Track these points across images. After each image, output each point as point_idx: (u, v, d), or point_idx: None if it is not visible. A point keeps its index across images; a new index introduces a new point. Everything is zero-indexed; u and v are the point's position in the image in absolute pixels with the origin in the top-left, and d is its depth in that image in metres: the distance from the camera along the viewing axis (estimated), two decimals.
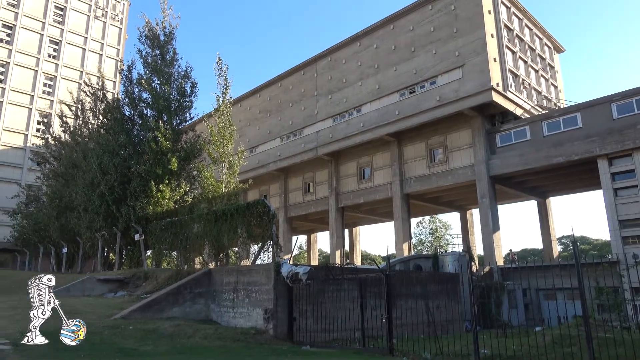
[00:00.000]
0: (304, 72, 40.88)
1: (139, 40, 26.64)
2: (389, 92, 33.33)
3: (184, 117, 26.33)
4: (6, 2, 60.52)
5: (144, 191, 23.44)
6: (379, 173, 35.32)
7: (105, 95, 32.49)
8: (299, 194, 41.70)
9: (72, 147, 33.89)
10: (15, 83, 59.95)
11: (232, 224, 15.73)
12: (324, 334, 11.90)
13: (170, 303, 13.84)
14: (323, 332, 11.94)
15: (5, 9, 60.24)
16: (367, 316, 11.53)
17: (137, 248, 23.99)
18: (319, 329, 12.00)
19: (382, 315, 10.81)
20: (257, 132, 44.07)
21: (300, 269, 12.08)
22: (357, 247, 48.70)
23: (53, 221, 32.72)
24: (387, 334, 10.47)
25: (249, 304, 13.04)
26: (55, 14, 64.83)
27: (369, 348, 10.83)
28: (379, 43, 34.96)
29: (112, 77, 62.49)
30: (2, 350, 8.35)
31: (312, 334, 11.88)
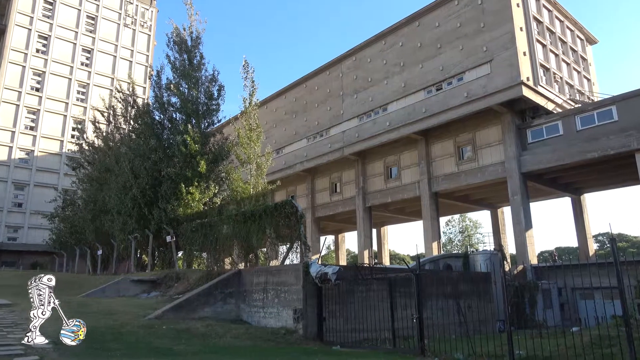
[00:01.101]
0: (329, 72, 40.89)
1: (167, 46, 27.24)
2: (415, 89, 32.97)
3: (212, 120, 26.72)
4: (42, 14, 62.86)
5: (175, 193, 23.91)
6: (407, 172, 34.98)
7: (135, 100, 33.34)
8: (326, 194, 41.72)
9: (105, 152, 34.94)
10: (51, 91, 62.22)
11: (260, 225, 15.86)
12: (353, 334, 11.86)
13: (201, 303, 14.07)
14: (353, 332, 11.91)
15: (40, 20, 62.59)
16: (397, 316, 11.43)
17: (168, 249, 24.51)
18: (349, 329, 11.97)
19: (412, 315, 10.70)
20: (283, 133, 44.33)
21: (329, 269, 12.07)
22: (385, 247, 48.37)
23: (88, 224, 33.78)
24: (418, 334, 10.35)
25: (278, 304, 13.12)
26: (87, 24, 66.96)
27: (399, 348, 10.73)
28: (404, 41, 34.64)
29: (142, 83, 64.06)
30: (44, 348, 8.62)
31: (341, 334, 11.85)
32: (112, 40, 68.58)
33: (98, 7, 67.95)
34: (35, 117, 60.65)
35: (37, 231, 56.74)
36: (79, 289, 20.78)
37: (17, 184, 58.53)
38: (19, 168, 58.66)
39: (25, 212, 58.39)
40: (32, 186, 59.14)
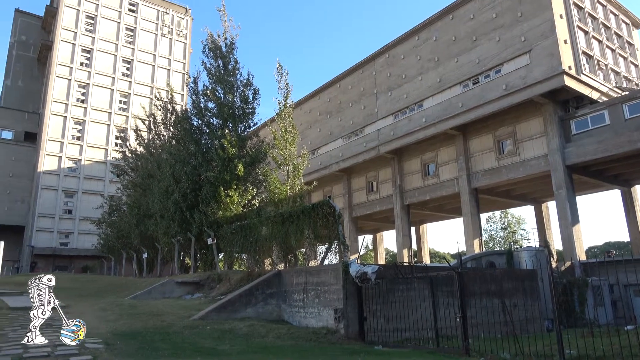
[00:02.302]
0: (362, 71, 40.72)
1: (202, 52, 27.83)
2: (451, 84, 32.35)
3: (248, 124, 27.10)
4: (84, 28, 65.71)
5: (214, 197, 24.40)
6: (445, 168, 34.37)
7: (174, 107, 34.27)
8: (362, 194, 41.56)
9: (147, 158, 36.10)
10: (95, 102, 64.94)
11: (298, 226, 15.97)
12: (395, 334, 11.76)
13: (243, 304, 14.29)
14: (394, 331, 11.80)
15: (83, 35, 65.46)
16: (439, 315, 11.25)
17: (210, 251, 25.05)
18: (390, 328, 11.87)
19: (455, 315, 10.49)
20: (318, 133, 44.49)
21: (369, 268, 12.01)
22: (424, 245, 47.68)
23: (133, 228, 34.99)
24: (462, 334, 10.14)
25: (319, 304, 13.16)
26: (126, 36, 69.47)
27: (443, 348, 10.55)
28: (438, 35, 34.05)
29: (180, 90, 65.86)
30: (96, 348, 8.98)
31: (383, 333, 11.77)
32: (151, 50, 70.87)
33: (136, 19, 70.39)
34: (81, 128, 63.46)
35: (86, 236, 59.37)
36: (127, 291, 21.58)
37: (66, 192, 61.43)
38: (68, 177, 61.54)
39: (75, 219, 61.18)
40: (81, 194, 61.91)
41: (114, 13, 68.67)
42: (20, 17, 73.29)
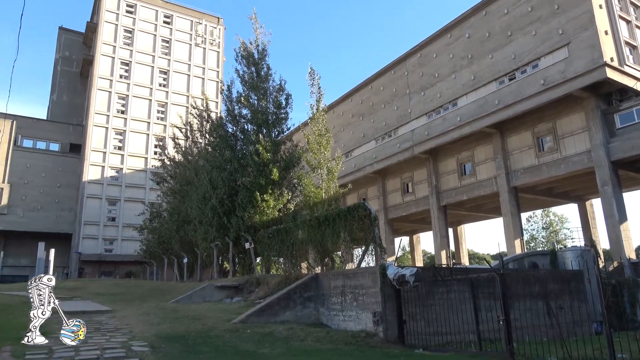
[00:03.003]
0: (394, 71, 40.42)
1: (235, 60, 28.34)
2: (486, 81, 31.64)
3: (282, 129, 27.37)
4: (123, 42, 68.22)
5: (250, 202, 24.76)
6: (482, 167, 33.61)
7: (209, 115, 35.04)
8: (398, 195, 41.17)
9: (185, 165, 37.06)
10: (134, 113, 67.23)
11: (334, 229, 15.99)
12: (436, 337, 11.58)
13: (282, 307, 14.42)
14: (435, 335, 11.62)
15: (122, 48, 67.94)
16: (481, 318, 11.01)
17: (247, 256, 25.43)
18: (431, 332, 11.70)
19: (498, 317, 10.24)
20: (351, 136, 44.42)
21: (407, 270, 11.89)
22: (463, 246, 46.71)
23: (174, 234, 35.95)
24: (506, 337, 9.89)
25: (357, 307, 13.13)
26: (162, 47, 71.63)
27: (486, 352, 10.31)
28: (471, 32, 33.41)
29: (215, 98, 67.17)
30: (143, 351, 9.28)
31: (423, 337, 11.62)
32: (185, 60, 72.78)
33: (171, 31, 72.48)
34: (122, 138, 65.80)
35: (129, 243, 61.38)
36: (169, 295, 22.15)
37: (110, 200, 63.79)
38: (111, 185, 63.89)
39: (118, 226, 63.42)
40: (123, 201, 64.13)
41: (150, 26, 70.96)
42: (63, 34, 76.92)
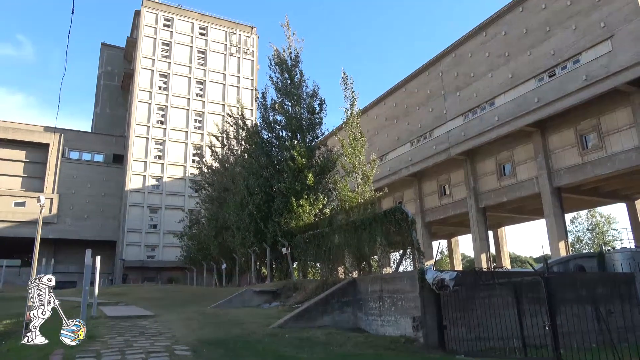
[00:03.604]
0: (428, 72, 39.93)
1: (269, 68, 28.80)
2: (525, 79, 30.76)
3: (316, 134, 27.55)
4: (161, 55, 70.50)
5: (286, 207, 24.98)
6: (522, 168, 32.61)
7: (245, 123, 35.69)
8: (434, 198, 40.51)
9: (222, 173, 37.86)
10: (173, 123, 69.29)
11: (371, 233, 15.90)
12: (478, 343, 11.29)
13: (320, 312, 14.43)
14: (477, 340, 11.33)
15: (160, 61, 70.23)
16: (525, 324, 10.65)
17: (284, 261, 25.64)
18: (472, 337, 11.41)
19: (544, 323, 9.88)
20: (385, 139, 44.12)
21: (446, 274, 11.66)
22: (504, 249, 45.38)
23: (212, 240, 36.71)
24: (552, 343, 9.53)
25: (395, 312, 12.98)
26: (198, 58, 73.61)
27: (531, 358, 9.97)
28: (507, 29, 32.59)
29: (250, 106, 68.44)
30: (185, 355, 9.48)
31: (465, 342, 11.35)
32: (221, 70, 74.47)
33: (207, 42, 74.39)
34: (162, 147, 67.91)
35: (170, 249, 63.11)
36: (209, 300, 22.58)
37: (151, 208, 65.87)
38: (152, 194, 65.99)
39: (160, 233, 65.35)
40: (164, 209, 66.08)
41: (186, 38, 73.05)
42: (105, 49, 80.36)
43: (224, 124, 43.75)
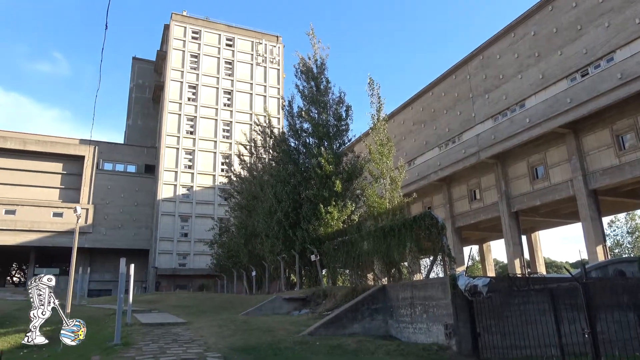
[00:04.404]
0: (455, 76, 39.44)
1: (295, 76, 29.03)
2: (556, 79, 29.98)
3: (343, 140, 27.54)
4: (189, 67, 72.10)
5: (314, 214, 25.01)
6: (555, 170, 31.70)
7: (272, 131, 36.00)
8: (465, 202, 39.80)
9: (250, 181, 38.26)
10: (202, 133, 70.59)
11: (400, 239, 15.73)
12: (513, 351, 10.97)
13: (350, 319, 14.34)
14: (512, 348, 11.01)
15: (189, 72, 71.82)
16: (563, 331, 10.29)
17: (313, 268, 25.63)
18: (507, 345, 11.10)
19: (583, 330, 9.53)
20: (413, 144, 43.72)
21: (479, 281, 11.41)
22: (538, 254, 44.11)
23: (242, 248, 37.06)
24: (592, 351, 9.18)
25: (427, 319, 12.77)
26: (225, 69, 74.92)
27: None
28: (536, 29, 31.90)
29: (276, 114, 69.11)
30: None
31: (499, 350, 11.05)
32: (247, 79, 75.56)
33: (233, 53, 75.69)
34: (192, 157, 69.23)
35: (201, 257, 64.08)
36: (239, 307, 22.79)
37: (182, 217, 67.12)
38: (183, 202, 67.27)
39: (190, 241, 66.47)
40: (194, 217, 67.23)
41: (213, 49, 74.51)
42: (137, 63, 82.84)
43: (252, 133, 44.32)
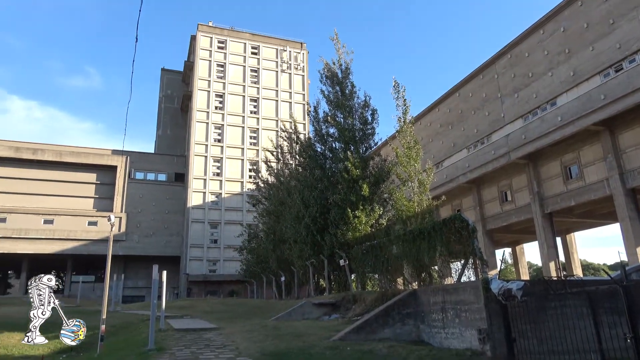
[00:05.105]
0: (482, 76, 38.78)
1: (320, 81, 29.16)
2: (588, 75, 29.08)
3: (369, 144, 27.46)
4: (216, 76, 73.40)
5: (342, 218, 24.96)
6: (590, 169, 30.67)
7: (298, 137, 36.22)
8: (495, 204, 38.95)
9: (277, 187, 38.53)
10: (229, 140, 71.62)
11: (430, 243, 15.48)
12: (551, 357, 10.61)
13: (380, 324, 14.20)
14: (550, 354, 10.65)
15: (216, 81, 73.12)
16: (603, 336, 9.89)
17: (342, 272, 25.55)
18: (544, 350, 10.75)
19: (624, 335, 9.14)
20: (440, 146, 43.15)
21: (513, 284, 11.11)
22: (574, 257, 42.71)
23: (271, 253, 37.30)
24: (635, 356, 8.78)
25: (459, 324, 12.52)
26: (251, 77, 75.91)
27: None
28: (566, 25, 31.07)
29: (302, 120, 69.45)
30: None
31: (536, 356, 10.71)
32: (273, 86, 76.31)
33: (259, 60, 76.63)
34: (220, 165, 70.27)
35: (230, 263, 64.81)
36: (269, 313, 22.90)
37: (211, 224, 68.08)
38: (212, 209, 68.26)
39: (220, 247, 67.32)
40: (223, 224, 68.10)
41: (239, 58, 75.64)
42: (165, 74, 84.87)
43: (278, 139, 44.67)
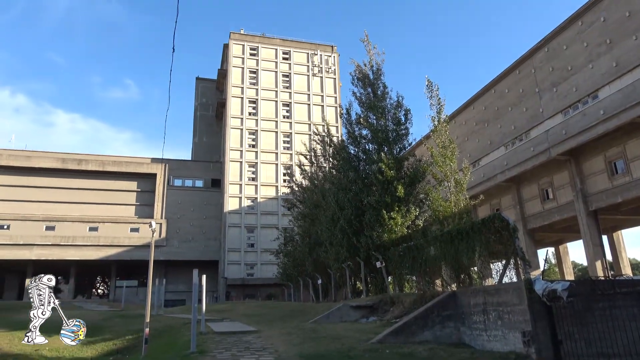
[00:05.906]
0: (518, 71, 37.74)
1: (351, 83, 29.14)
2: (632, 66, 27.80)
3: (403, 145, 27.17)
4: (249, 82, 74.58)
5: (377, 220, 24.79)
6: (637, 163, 29.27)
7: (331, 140, 36.27)
8: (536, 203, 37.75)
9: (312, 190, 38.69)
10: (263, 145, 72.56)
11: (469, 243, 15.17)
12: (600, 359, 10.19)
13: (419, 327, 14.00)
14: (598, 357, 10.24)
15: (249, 88, 74.28)
16: None
17: (379, 275, 25.34)
18: (593, 353, 10.33)
19: None
20: (476, 145, 42.25)
21: (558, 285, 10.74)
22: (622, 255, 40.82)
23: (307, 256, 37.46)
24: None
25: (502, 326, 12.19)
26: (283, 81, 76.73)
27: None
28: (606, 15, 29.85)
29: (334, 123, 69.54)
30: None
31: (584, 358, 10.30)
32: (304, 90, 76.82)
33: (290, 65, 77.34)
34: (255, 170, 71.24)
35: (267, 266, 65.48)
36: (307, 315, 22.99)
37: (248, 228, 69.07)
38: (248, 214, 69.26)
39: (257, 251, 68.15)
40: (259, 228, 68.94)
41: (271, 64, 76.58)
42: (200, 83, 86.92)
43: (311, 143, 44.86)
